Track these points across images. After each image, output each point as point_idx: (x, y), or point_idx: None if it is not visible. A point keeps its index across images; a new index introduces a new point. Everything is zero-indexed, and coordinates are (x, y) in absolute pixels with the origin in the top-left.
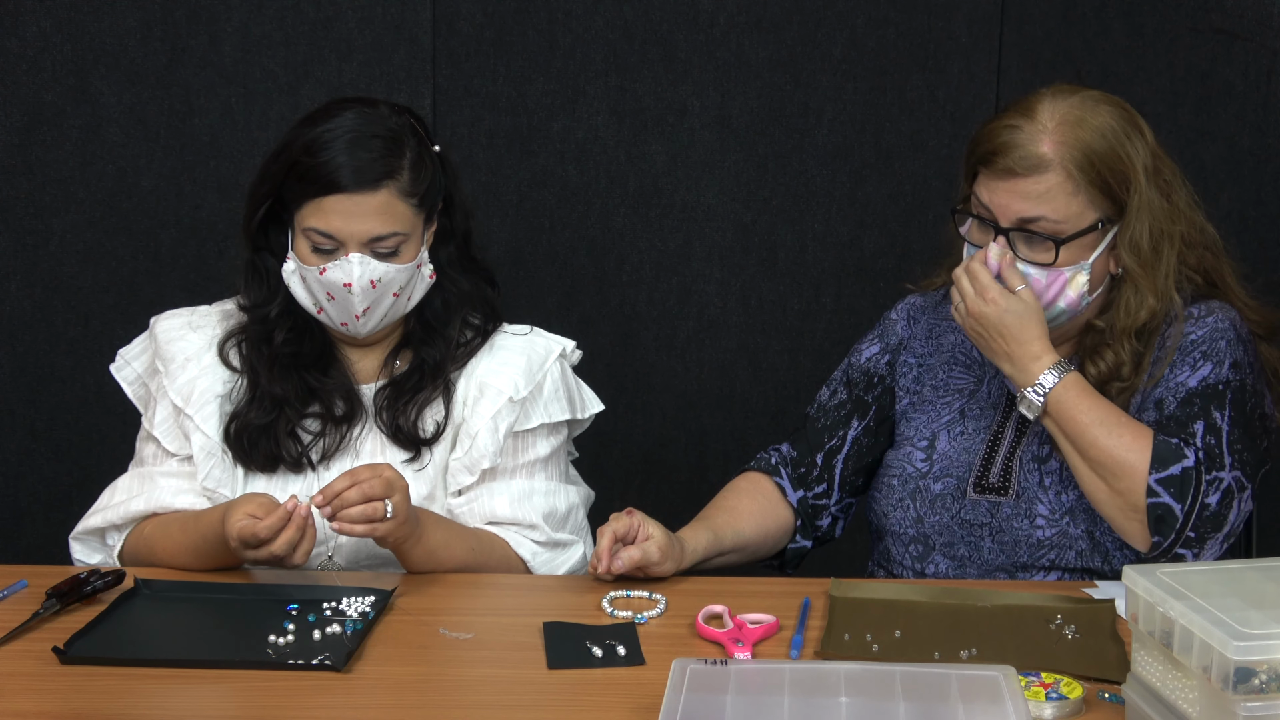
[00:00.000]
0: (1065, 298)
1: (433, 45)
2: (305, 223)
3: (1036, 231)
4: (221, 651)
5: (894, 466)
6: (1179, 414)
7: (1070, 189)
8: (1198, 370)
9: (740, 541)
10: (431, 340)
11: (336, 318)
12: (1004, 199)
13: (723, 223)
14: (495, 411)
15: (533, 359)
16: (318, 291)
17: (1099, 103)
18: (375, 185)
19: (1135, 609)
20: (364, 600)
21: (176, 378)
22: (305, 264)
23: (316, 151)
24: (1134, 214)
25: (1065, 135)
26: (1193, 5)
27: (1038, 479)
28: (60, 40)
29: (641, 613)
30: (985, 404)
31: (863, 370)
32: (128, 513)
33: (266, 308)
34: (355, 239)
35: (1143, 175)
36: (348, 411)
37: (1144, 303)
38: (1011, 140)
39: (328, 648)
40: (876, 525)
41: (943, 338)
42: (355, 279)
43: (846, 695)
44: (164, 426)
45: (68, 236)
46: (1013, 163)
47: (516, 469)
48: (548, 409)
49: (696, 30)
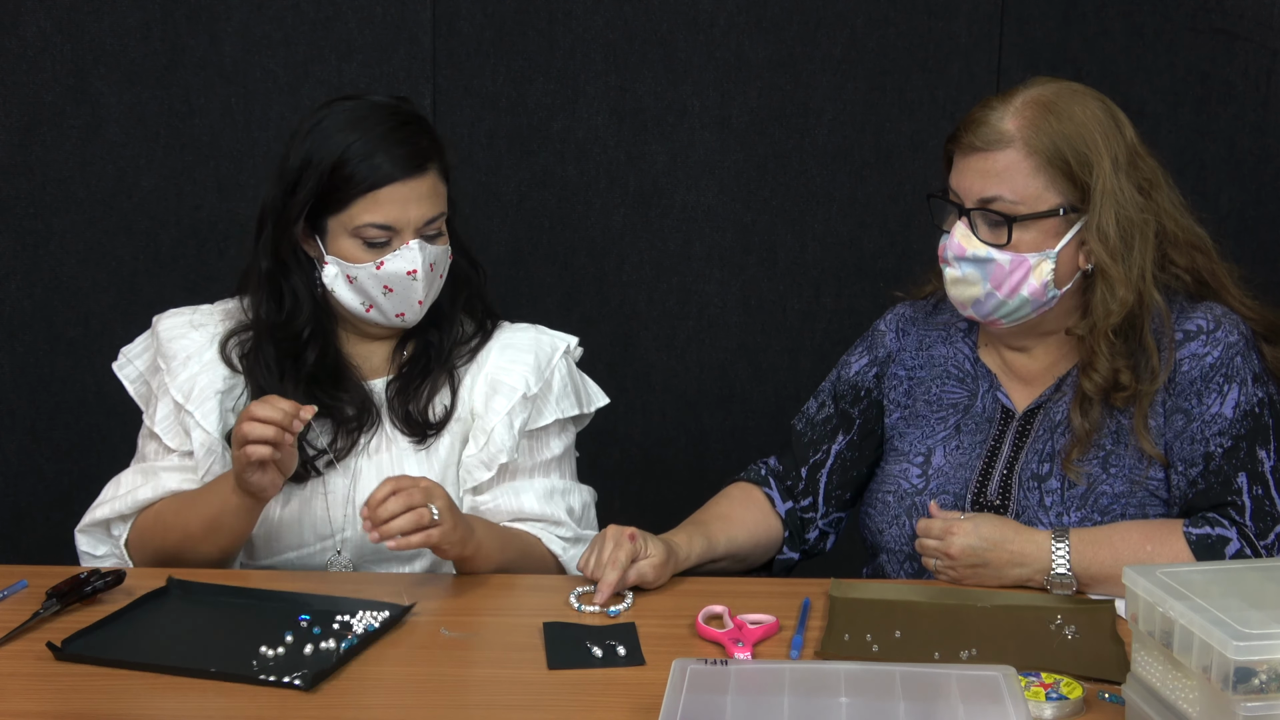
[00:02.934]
0: (1028, 285)
1: (433, 45)
2: (357, 220)
3: (994, 211)
4: (205, 660)
5: (889, 482)
6: (1225, 467)
7: (1029, 168)
8: (1227, 397)
9: (734, 549)
10: (439, 324)
11: (392, 310)
12: (968, 180)
13: (723, 223)
14: (510, 408)
15: (540, 356)
16: (372, 288)
17: (1078, 93)
18: (423, 168)
19: (1135, 609)
20: (377, 615)
21: (178, 375)
22: (356, 263)
23: (357, 148)
24: (1099, 201)
25: (1032, 114)
26: (1193, 5)
27: (1038, 498)
28: (60, 40)
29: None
30: (980, 418)
31: (850, 383)
32: (134, 501)
33: (293, 325)
34: (411, 225)
35: (1109, 163)
36: (357, 414)
37: (1116, 295)
38: (982, 118)
39: (310, 664)
40: (871, 541)
41: (933, 349)
42: (419, 265)
43: (846, 695)
44: (165, 423)
45: (68, 236)
46: (976, 138)
47: (535, 468)
48: (559, 405)
49: (696, 30)
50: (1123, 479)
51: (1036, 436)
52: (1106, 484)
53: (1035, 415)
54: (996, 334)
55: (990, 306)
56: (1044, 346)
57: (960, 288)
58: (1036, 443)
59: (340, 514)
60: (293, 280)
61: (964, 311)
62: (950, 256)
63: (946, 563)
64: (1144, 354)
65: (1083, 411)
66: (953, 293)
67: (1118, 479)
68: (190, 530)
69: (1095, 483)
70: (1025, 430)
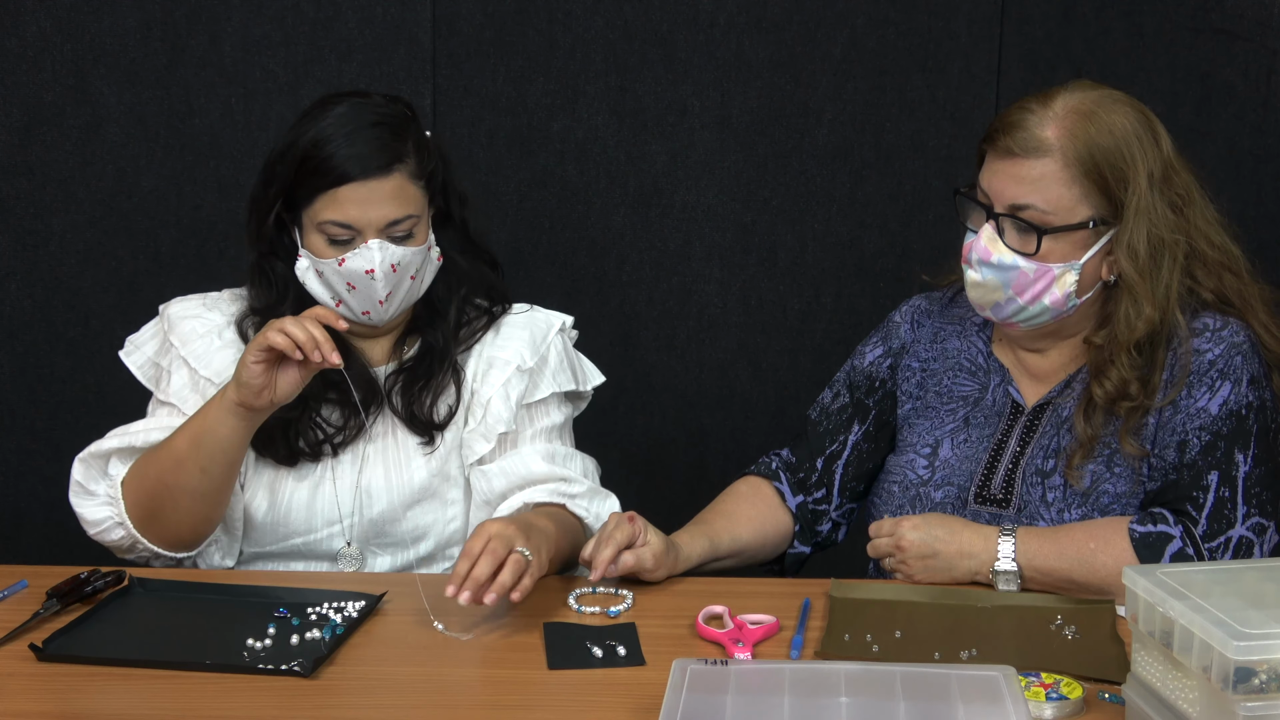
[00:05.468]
0: (1050, 295)
1: (433, 45)
2: (320, 216)
3: (1025, 220)
4: (196, 654)
5: (895, 472)
6: (1199, 462)
7: (1065, 179)
8: (1217, 392)
9: (737, 547)
10: (435, 323)
11: (358, 307)
12: (1000, 183)
13: (723, 223)
14: (505, 380)
15: (535, 332)
16: (337, 284)
17: (1118, 102)
18: (387, 170)
19: (1135, 609)
20: (351, 605)
21: (195, 346)
22: (321, 258)
23: (323, 144)
24: (1132, 217)
25: (1072, 124)
26: (1193, 5)
27: (1040, 493)
28: (60, 40)
29: (610, 607)
30: (990, 411)
31: (865, 373)
32: (147, 440)
33: (278, 309)
34: (373, 225)
35: (1144, 179)
36: (365, 397)
37: (1142, 313)
38: (1020, 121)
39: (302, 653)
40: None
41: (947, 343)
42: (377, 264)
43: (846, 695)
44: (182, 393)
45: (68, 236)
46: (1014, 143)
47: (537, 434)
48: (555, 378)
49: (696, 30)
50: (1126, 479)
51: (1043, 432)
52: (1110, 483)
53: (1044, 411)
54: (1012, 336)
55: (1009, 311)
56: (1058, 348)
57: (980, 291)
58: (1043, 438)
59: (349, 499)
60: (278, 267)
61: (981, 313)
62: (974, 259)
63: (899, 557)
64: (1154, 370)
65: (1086, 417)
66: (973, 295)
67: (1121, 479)
68: (177, 450)
69: (1099, 481)
70: (1033, 425)
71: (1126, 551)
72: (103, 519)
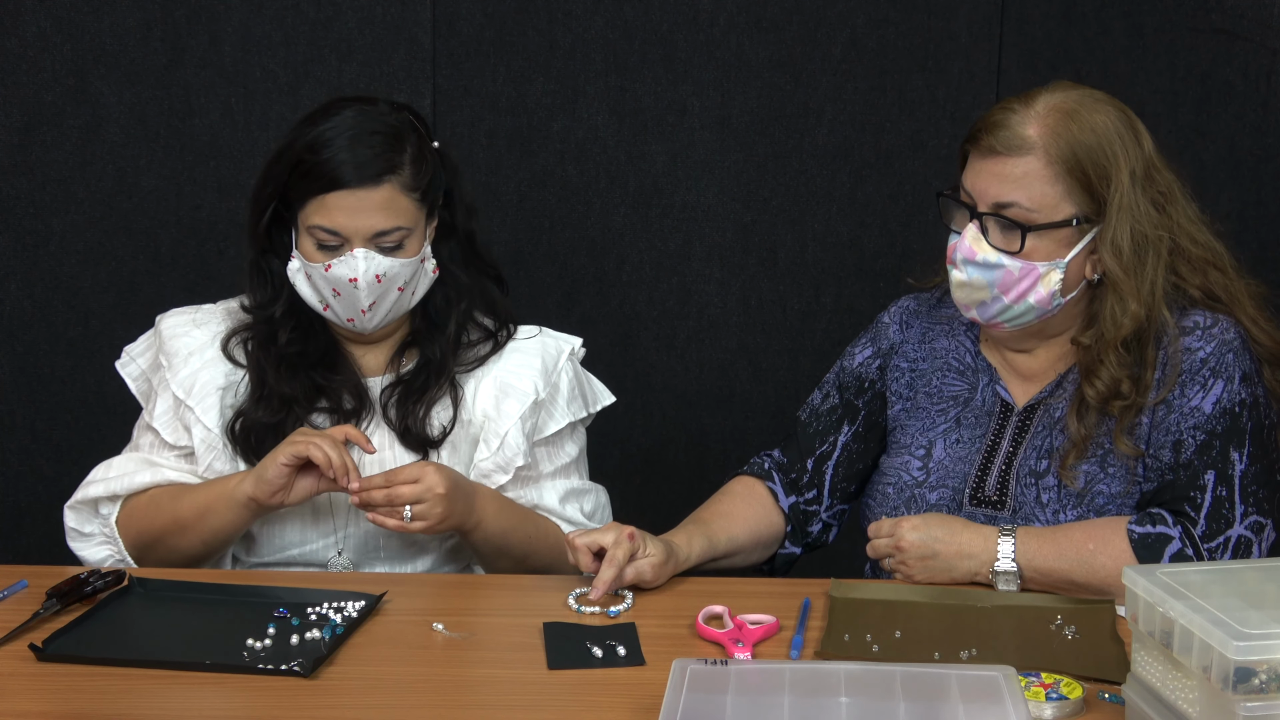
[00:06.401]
0: (1035, 293)
1: (433, 45)
2: (310, 220)
3: (1009, 218)
4: (197, 654)
5: (890, 474)
6: (1195, 462)
7: (1049, 176)
8: (1210, 390)
9: (734, 547)
10: (433, 336)
11: (343, 314)
12: (984, 182)
13: (723, 223)
14: (522, 411)
15: (546, 360)
16: (323, 288)
17: (1100, 101)
18: (378, 180)
19: (1135, 609)
20: (351, 605)
21: (179, 371)
22: (310, 261)
23: (318, 149)
24: (1115, 214)
25: (1054, 122)
26: (1193, 5)
27: (1034, 494)
28: (60, 40)
29: (610, 607)
30: (980, 412)
31: (854, 374)
32: (130, 484)
33: (270, 308)
34: (360, 234)
35: (1127, 177)
36: (356, 407)
37: (1128, 310)
38: (1003, 120)
39: (302, 653)
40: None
41: (936, 342)
42: (360, 274)
43: (846, 695)
44: (164, 419)
45: (68, 236)
46: (996, 141)
47: (556, 473)
48: (570, 408)
49: (696, 30)
50: (1120, 479)
51: (1035, 433)
52: (1104, 483)
53: (1035, 411)
54: (997, 337)
55: (994, 311)
56: (1045, 347)
57: (966, 291)
58: (1036, 439)
59: (344, 511)
60: (275, 265)
61: (967, 314)
62: (959, 259)
63: (899, 557)
64: (1145, 368)
65: (1079, 417)
66: (957, 295)
67: (1115, 479)
68: (180, 515)
69: (1093, 482)
70: (1025, 426)
71: (1125, 552)
72: (103, 558)
